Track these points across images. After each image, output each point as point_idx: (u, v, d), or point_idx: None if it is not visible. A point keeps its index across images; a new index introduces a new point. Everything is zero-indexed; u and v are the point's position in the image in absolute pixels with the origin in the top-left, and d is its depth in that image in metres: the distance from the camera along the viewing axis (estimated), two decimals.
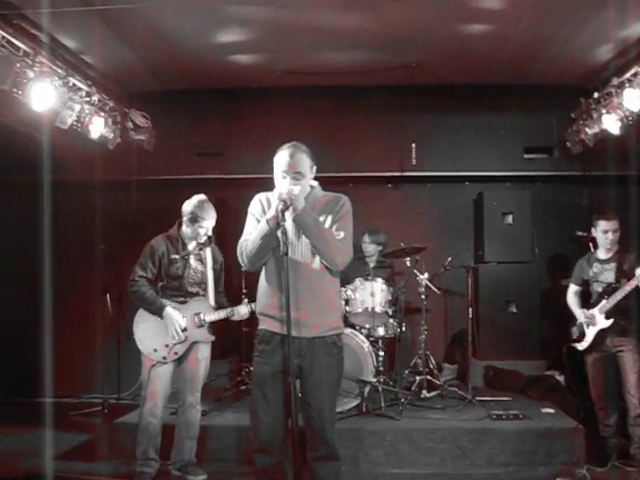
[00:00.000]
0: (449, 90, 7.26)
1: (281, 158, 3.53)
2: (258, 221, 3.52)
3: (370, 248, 6.82)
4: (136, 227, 6.94)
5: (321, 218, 3.52)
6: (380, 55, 6.58)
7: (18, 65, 5.08)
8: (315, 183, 3.70)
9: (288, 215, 3.40)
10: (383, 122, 7.51)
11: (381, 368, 6.16)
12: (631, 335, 5.15)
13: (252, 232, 3.51)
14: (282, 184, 3.49)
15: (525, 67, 6.74)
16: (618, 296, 5.06)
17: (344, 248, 3.54)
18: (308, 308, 3.46)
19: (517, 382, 6.72)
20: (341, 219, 3.57)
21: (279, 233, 3.34)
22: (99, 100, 6.35)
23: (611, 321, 5.12)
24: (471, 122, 7.53)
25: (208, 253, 4.99)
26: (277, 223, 3.35)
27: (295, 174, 3.49)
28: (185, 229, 4.91)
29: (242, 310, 4.94)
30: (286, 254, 3.31)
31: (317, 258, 3.51)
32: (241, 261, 3.56)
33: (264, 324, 3.60)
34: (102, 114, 6.39)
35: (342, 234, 3.53)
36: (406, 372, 6.57)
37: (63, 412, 6.90)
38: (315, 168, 3.63)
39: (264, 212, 3.53)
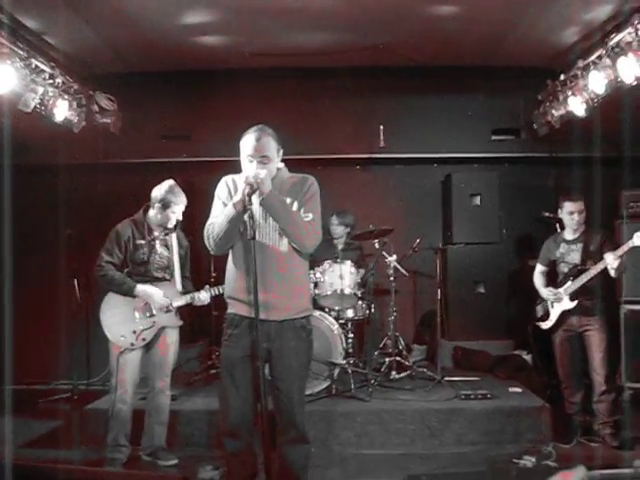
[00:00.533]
0: (417, 72, 7.24)
1: (247, 142, 3.50)
2: (225, 204, 3.50)
3: (338, 230, 6.83)
4: (103, 211, 6.83)
5: (288, 200, 3.51)
6: (348, 36, 6.52)
7: None
8: (281, 165, 3.68)
9: (255, 198, 3.38)
10: (352, 104, 7.48)
11: (350, 350, 6.20)
12: (597, 315, 5.23)
13: (219, 216, 3.49)
14: (249, 168, 3.47)
15: (492, 49, 6.74)
16: (584, 278, 5.14)
17: (313, 230, 3.54)
18: (276, 291, 3.46)
19: (485, 362, 6.82)
20: (309, 200, 3.56)
21: (246, 217, 3.32)
22: (63, 82, 6.21)
23: (575, 303, 5.20)
24: (439, 104, 7.52)
25: (174, 238, 4.97)
26: (244, 207, 3.32)
27: (262, 158, 3.47)
28: (154, 214, 4.87)
29: (202, 296, 4.93)
30: (253, 238, 3.29)
31: (285, 240, 3.50)
32: (208, 245, 3.54)
33: (232, 308, 3.58)
34: (66, 97, 6.26)
35: (310, 216, 3.52)
36: (375, 353, 6.61)
37: (32, 399, 6.83)
38: (282, 151, 3.62)
39: (231, 195, 3.51)
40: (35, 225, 7.34)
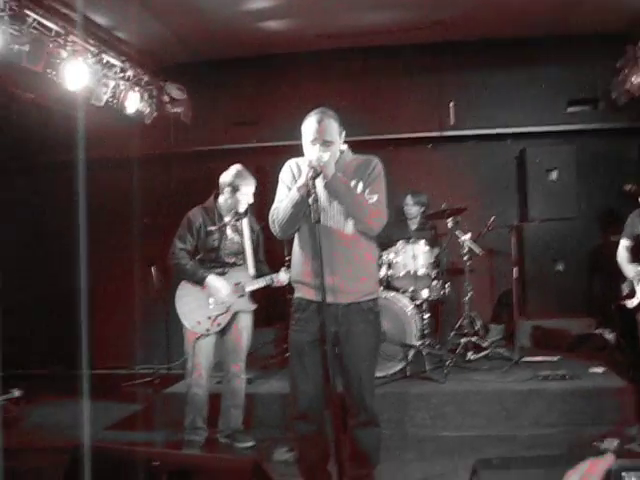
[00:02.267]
0: (486, 45, 7.05)
1: (309, 126, 3.47)
2: (289, 189, 3.49)
3: (413, 210, 6.77)
4: (177, 199, 6.98)
5: (352, 182, 3.46)
6: (414, 13, 6.42)
7: (50, 46, 5.12)
8: (345, 147, 3.63)
9: (319, 182, 3.36)
10: (420, 82, 7.36)
11: (426, 331, 6.13)
12: None
13: (283, 200, 3.48)
14: (311, 151, 3.44)
15: (566, 16, 6.48)
16: None
17: (378, 211, 3.48)
18: (343, 274, 3.43)
19: (565, 341, 6.63)
20: (373, 182, 3.50)
21: (310, 200, 3.30)
22: (134, 75, 6.38)
23: None
24: (511, 77, 7.30)
25: (245, 223, 5.00)
26: (308, 190, 3.30)
27: (324, 141, 3.43)
28: (224, 200, 4.92)
29: (281, 277, 4.94)
30: (318, 221, 3.25)
31: (350, 223, 3.47)
32: (273, 229, 3.55)
33: (299, 292, 3.59)
34: (137, 89, 6.42)
35: (375, 197, 3.47)
36: (451, 334, 6.51)
37: (116, 383, 7.08)
38: (344, 133, 3.56)
39: (294, 179, 3.50)
40: (114, 215, 7.55)
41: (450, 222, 6.28)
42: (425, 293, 6.25)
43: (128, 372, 7.53)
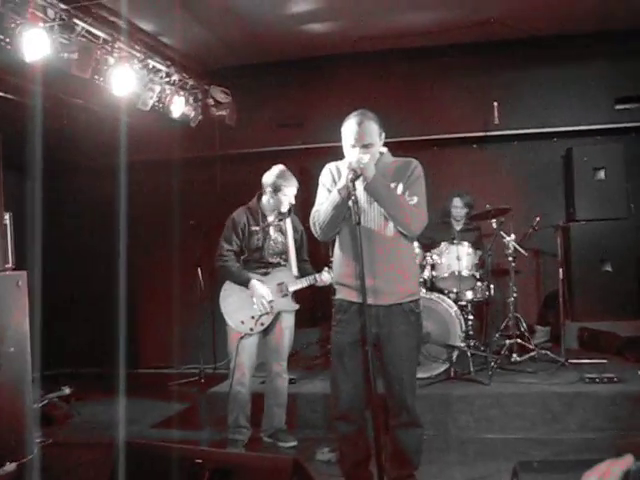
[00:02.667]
0: (530, 43, 6.95)
1: (349, 128, 3.49)
2: (329, 191, 3.52)
3: (461, 212, 6.76)
4: (222, 201, 7.08)
5: (392, 184, 3.47)
6: (457, 12, 6.38)
7: (98, 53, 5.24)
8: (384, 149, 3.65)
9: (359, 184, 3.38)
10: (464, 81, 7.31)
11: (470, 332, 6.10)
12: None
13: (323, 202, 3.51)
14: (352, 153, 3.46)
15: (612, 11, 6.34)
16: None
17: (418, 213, 3.49)
18: (383, 276, 3.45)
19: (613, 344, 6.48)
20: (413, 183, 3.51)
21: (350, 202, 3.32)
22: (179, 80, 6.49)
23: None
24: (556, 75, 7.19)
25: (288, 223, 5.05)
26: (348, 193, 3.33)
27: (365, 143, 3.45)
28: (267, 200, 4.98)
29: (324, 277, 4.97)
30: (358, 223, 3.27)
31: (390, 225, 3.48)
32: (314, 231, 3.58)
33: (340, 293, 3.62)
34: (182, 93, 6.53)
35: (415, 199, 3.47)
36: (497, 336, 6.45)
37: (163, 382, 7.22)
38: (384, 135, 3.58)
39: (334, 182, 3.53)
40: (160, 218, 7.69)
41: (494, 223, 6.24)
42: (469, 294, 6.23)
43: (175, 371, 7.66)
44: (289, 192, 4.93)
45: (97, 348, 7.57)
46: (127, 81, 5.55)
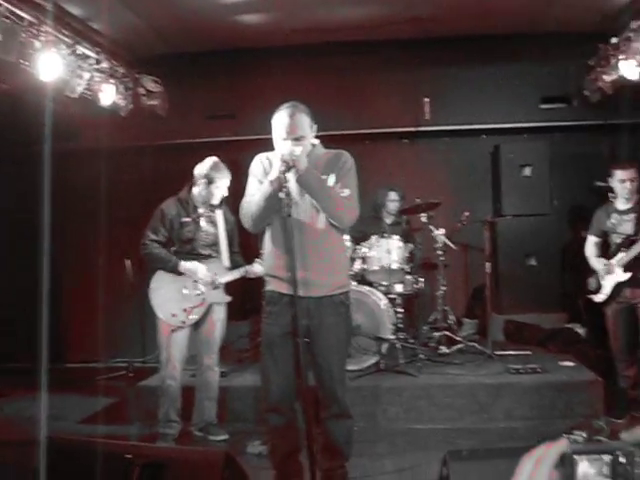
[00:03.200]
0: (462, 41, 7.08)
1: (280, 120, 3.48)
2: (260, 182, 3.50)
3: (396, 205, 6.79)
4: (152, 192, 6.92)
5: (324, 177, 3.48)
6: (390, 8, 6.44)
7: (23, 35, 5.06)
8: (316, 141, 3.65)
9: (290, 176, 3.37)
10: (396, 77, 7.39)
11: (400, 325, 6.18)
12: None
13: (254, 194, 3.49)
14: (283, 145, 3.45)
15: (540, 14, 6.54)
16: (637, 249, 4.97)
17: (350, 205, 3.51)
18: (314, 268, 3.45)
19: (537, 336, 6.71)
20: (345, 176, 3.53)
21: (282, 194, 3.31)
22: (109, 67, 6.32)
23: (628, 275, 5.04)
24: (486, 73, 7.37)
25: (219, 215, 5.00)
26: (279, 185, 3.31)
27: (296, 135, 3.44)
28: (198, 192, 4.92)
29: (256, 268, 4.93)
30: (289, 215, 3.27)
31: (322, 217, 3.49)
32: (244, 223, 3.56)
33: (271, 285, 3.60)
34: (112, 81, 6.37)
35: (347, 191, 3.49)
36: (425, 328, 6.57)
37: (91, 377, 7.05)
38: (315, 127, 3.58)
39: (265, 173, 3.50)
40: (87, 208, 7.51)
41: (424, 217, 6.33)
42: (399, 287, 6.30)
43: (103, 365, 7.50)
44: (221, 184, 4.89)
45: (22, 343, 7.33)
46: (54, 66, 5.37)
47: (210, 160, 4.94)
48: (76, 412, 5.84)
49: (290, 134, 3.44)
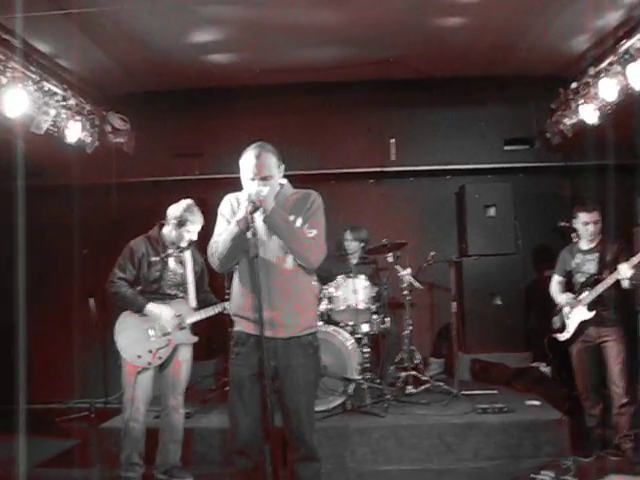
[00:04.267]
0: (427, 84, 7.25)
1: (247, 160, 3.48)
2: (228, 222, 3.48)
3: (352, 245, 6.82)
4: (118, 230, 6.87)
5: (292, 217, 3.48)
6: (357, 50, 6.55)
7: None
8: (284, 181, 3.66)
9: (258, 216, 3.37)
10: (363, 118, 7.51)
11: (367, 365, 6.16)
12: (615, 325, 5.13)
13: (222, 234, 3.48)
14: (251, 185, 3.45)
15: (503, 58, 6.72)
16: (600, 288, 5.04)
17: (317, 246, 3.50)
18: (282, 308, 3.43)
19: (503, 375, 6.74)
20: (312, 216, 3.52)
21: (249, 234, 3.30)
22: (76, 104, 6.29)
23: (593, 313, 5.10)
24: (450, 115, 7.54)
25: (188, 255, 4.97)
26: (247, 224, 3.31)
27: (263, 175, 3.45)
28: (169, 232, 4.89)
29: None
30: (256, 256, 3.27)
31: (290, 257, 3.48)
32: (212, 262, 3.52)
33: (239, 325, 3.57)
34: (79, 118, 6.33)
35: (314, 232, 3.48)
36: (392, 368, 6.55)
37: (50, 418, 6.89)
38: (283, 167, 3.59)
39: (234, 213, 3.49)
40: (52, 245, 7.42)
41: (390, 257, 6.37)
42: (365, 327, 6.30)
43: (64, 406, 7.33)
44: (193, 229, 4.86)
45: None
46: (20, 103, 5.32)
47: (185, 202, 4.90)
48: (35, 455, 5.64)
49: (257, 174, 3.44)
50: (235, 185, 3.70)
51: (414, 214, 7.83)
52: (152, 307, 4.72)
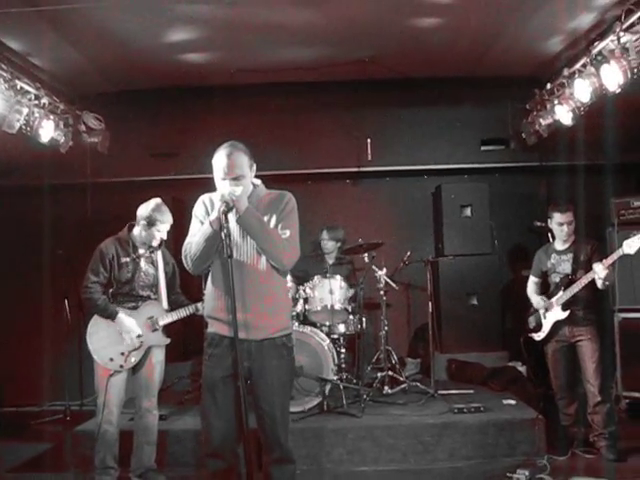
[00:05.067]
0: (403, 84, 7.26)
1: (219, 160, 3.46)
2: (202, 223, 3.46)
3: (329, 245, 6.81)
4: (92, 230, 6.78)
5: (265, 217, 3.46)
6: (333, 50, 6.54)
7: None
8: (258, 181, 3.64)
9: (231, 216, 3.35)
10: (339, 118, 7.51)
11: (343, 365, 6.17)
12: (589, 325, 5.17)
13: (196, 234, 3.45)
14: (223, 185, 3.43)
15: (479, 59, 6.77)
16: (575, 289, 5.08)
17: (290, 247, 3.48)
18: (255, 310, 3.41)
19: (479, 374, 6.76)
20: (286, 217, 3.51)
21: (222, 235, 3.28)
22: (49, 103, 6.21)
23: (567, 313, 5.14)
24: (427, 115, 7.56)
25: (159, 256, 4.93)
26: (220, 225, 3.29)
27: (235, 175, 3.43)
28: (139, 232, 4.84)
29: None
30: (230, 256, 3.25)
31: (263, 258, 3.46)
32: (186, 264, 3.50)
33: (212, 327, 3.54)
34: (52, 117, 6.25)
35: (288, 232, 3.47)
36: (368, 368, 6.56)
37: (24, 421, 6.81)
38: (255, 166, 3.57)
39: (208, 214, 3.47)
40: (25, 246, 7.34)
41: (367, 257, 6.36)
42: (342, 327, 6.32)
43: (38, 409, 7.25)
44: (163, 229, 4.82)
45: None
46: None
47: (154, 202, 4.85)
48: (7, 459, 5.58)
49: (228, 174, 3.42)
50: (210, 185, 3.67)
51: (391, 214, 7.84)
52: (122, 319, 4.68)
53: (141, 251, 4.85)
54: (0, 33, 5.52)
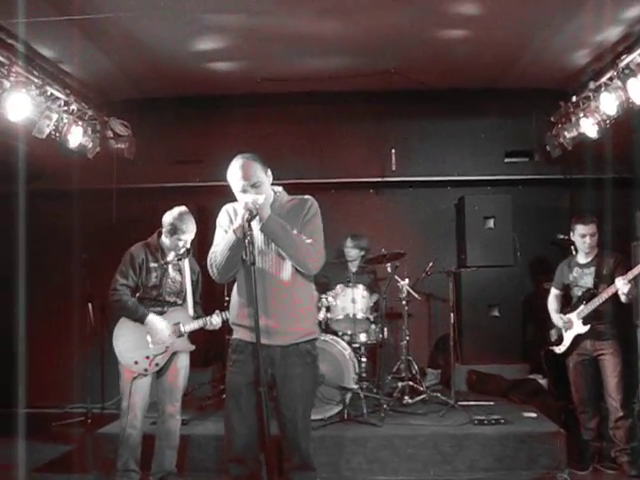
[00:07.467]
0: (429, 95, 7.29)
1: (234, 173, 3.51)
2: (226, 232, 3.50)
3: (352, 253, 6.82)
4: (118, 236, 6.87)
5: (289, 223, 3.48)
6: (359, 61, 6.59)
7: None
8: (279, 189, 3.69)
9: (255, 224, 3.39)
10: (364, 128, 7.53)
11: (364, 374, 6.18)
12: (611, 339, 5.14)
13: (220, 243, 3.49)
14: (243, 197, 3.46)
15: (504, 71, 6.78)
16: (596, 302, 5.05)
17: (315, 251, 3.50)
18: (279, 316, 3.45)
19: (500, 386, 6.73)
20: (309, 222, 3.54)
21: (246, 243, 3.32)
22: (78, 109, 6.33)
23: (588, 327, 5.12)
24: (451, 127, 7.57)
25: (186, 263, 4.97)
26: (244, 233, 3.32)
27: (252, 182, 3.46)
28: (164, 239, 4.89)
29: (214, 320, 4.92)
30: (253, 264, 3.28)
31: (288, 265, 3.49)
32: (212, 273, 3.53)
33: (237, 333, 3.58)
34: (81, 123, 6.37)
35: (312, 237, 3.50)
36: (389, 378, 6.57)
37: (46, 423, 6.87)
38: (270, 171, 3.60)
39: (231, 223, 3.51)
40: (52, 249, 7.43)
41: (389, 267, 6.37)
42: (363, 337, 6.32)
43: (60, 411, 7.32)
44: (185, 237, 4.82)
45: None
46: (23, 107, 5.36)
47: (177, 210, 4.87)
48: (31, 460, 5.64)
49: (246, 182, 3.46)
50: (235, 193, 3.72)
51: (413, 225, 7.83)
52: (153, 321, 4.72)
53: (169, 258, 4.89)
54: (32, 41, 5.62)
